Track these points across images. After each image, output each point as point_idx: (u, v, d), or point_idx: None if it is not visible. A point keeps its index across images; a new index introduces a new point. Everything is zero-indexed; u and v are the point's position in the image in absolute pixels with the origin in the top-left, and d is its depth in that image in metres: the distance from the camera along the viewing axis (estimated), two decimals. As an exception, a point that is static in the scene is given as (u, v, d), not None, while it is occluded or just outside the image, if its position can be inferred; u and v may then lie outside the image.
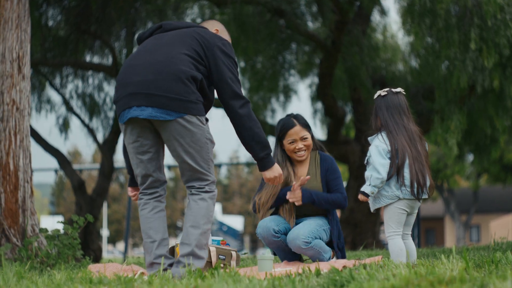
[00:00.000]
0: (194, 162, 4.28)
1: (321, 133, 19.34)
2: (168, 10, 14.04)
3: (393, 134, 4.73)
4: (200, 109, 4.27)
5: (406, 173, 4.66)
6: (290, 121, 5.44)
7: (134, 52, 4.47)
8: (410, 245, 4.81)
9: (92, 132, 16.24)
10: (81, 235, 13.77)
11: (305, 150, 5.43)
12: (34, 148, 31.40)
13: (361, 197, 4.70)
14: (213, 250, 4.90)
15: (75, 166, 25.09)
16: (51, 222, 30.45)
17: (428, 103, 13.71)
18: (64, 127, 16.20)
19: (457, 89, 11.35)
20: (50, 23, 13.97)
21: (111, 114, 16.09)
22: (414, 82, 14.08)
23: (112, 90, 16.22)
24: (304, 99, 74.53)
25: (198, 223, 4.26)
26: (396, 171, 4.65)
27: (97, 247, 15.61)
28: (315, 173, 5.45)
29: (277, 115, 16.77)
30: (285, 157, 5.51)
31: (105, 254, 37.69)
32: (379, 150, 4.68)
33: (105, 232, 42.44)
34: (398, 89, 4.91)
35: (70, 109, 16.12)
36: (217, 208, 41.46)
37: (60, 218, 34.70)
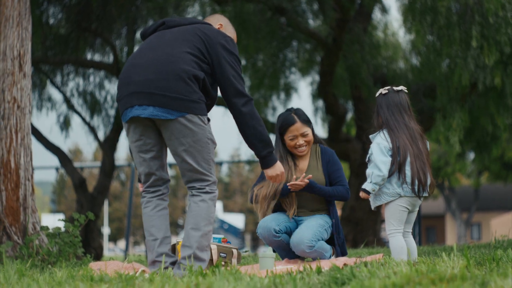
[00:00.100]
0: (194, 162, 4.27)
1: (322, 131, 19.35)
2: (169, 8, 14.04)
3: (394, 132, 4.73)
4: (202, 108, 4.25)
5: (408, 170, 4.66)
6: (291, 117, 5.41)
7: (136, 50, 4.46)
8: (411, 243, 4.81)
9: (93, 130, 16.25)
10: (82, 233, 13.77)
11: (305, 145, 5.41)
12: (35, 146, 31.38)
13: (362, 194, 4.70)
14: (214, 248, 4.90)
15: (76, 164, 25.10)
16: (52, 220, 30.46)
17: (429, 101, 13.70)
18: (65, 125, 16.22)
19: (458, 86, 11.35)
20: (51, 21, 13.98)
21: (112, 112, 16.09)
22: (415, 80, 14.07)
23: (113, 88, 16.23)
24: (305, 97, 74.52)
25: (199, 225, 4.26)
26: (397, 169, 4.65)
27: (98, 245, 15.62)
28: (316, 165, 5.43)
29: (278, 113, 16.74)
30: (286, 151, 5.49)
31: (106, 252, 37.74)
32: (381, 148, 4.68)
33: (106, 230, 42.50)
34: (400, 87, 4.90)
35: (71, 107, 16.13)
36: (218, 206, 41.47)
37: (61, 216, 34.69)
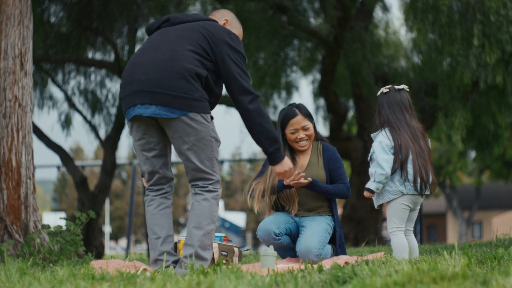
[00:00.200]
0: (198, 160, 4.26)
1: (323, 129, 19.34)
2: (170, 6, 14.04)
3: (395, 130, 4.72)
4: (204, 106, 4.23)
5: (410, 168, 4.65)
6: (292, 110, 5.40)
7: (139, 48, 4.45)
8: (412, 241, 4.80)
9: (94, 128, 16.26)
10: (83, 232, 13.78)
11: (306, 140, 5.38)
12: (37, 144, 31.40)
13: (366, 193, 4.70)
14: (215, 246, 4.89)
15: (77, 163, 25.11)
16: (54, 219, 30.47)
17: (430, 100, 13.69)
18: (66, 124, 16.23)
19: (460, 85, 11.34)
20: (52, 20, 13.99)
21: (113, 111, 16.10)
22: (416, 78, 14.06)
23: (114, 86, 16.25)
24: (306, 96, 74.45)
25: (201, 224, 4.25)
26: (399, 167, 4.65)
27: (99, 244, 15.64)
28: (317, 161, 5.41)
29: (279, 112, 16.73)
30: (286, 146, 5.48)
31: (107, 251, 37.76)
32: (383, 146, 4.68)
33: (107, 228, 42.49)
34: (402, 86, 4.89)
35: (72, 105, 16.15)
36: (219, 204, 41.32)
37: (62, 215, 34.72)
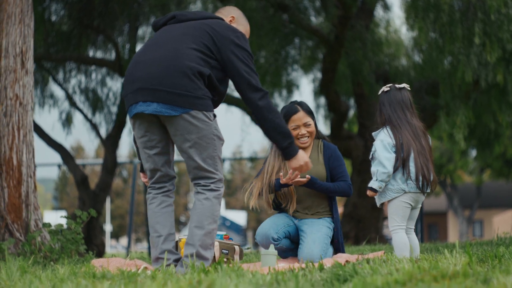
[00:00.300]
0: (200, 159, 4.24)
1: (324, 128, 19.35)
2: (171, 5, 14.02)
3: (397, 128, 4.72)
4: (207, 104, 4.21)
5: (412, 166, 4.65)
6: (294, 107, 5.40)
7: (142, 46, 4.44)
8: (413, 239, 4.80)
9: (95, 127, 16.26)
10: (84, 230, 13.75)
11: (308, 136, 5.37)
12: (37, 143, 31.43)
13: (369, 193, 4.69)
14: (216, 244, 4.89)
15: (78, 161, 25.09)
16: (54, 217, 30.50)
17: (431, 98, 13.69)
18: (67, 122, 16.24)
19: (462, 83, 11.34)
20: (53, 18, 13.99)
21: (114, 109, 16.10)
22: (417, 77, 14.06)
23: (115, 85, 16.25)
24: (306, 94, 74.47)
25: (202, 224, 4.24)
26: (401, 165, 4.64)
27: (100, 242, 15.65)
28: (318, 158, 5.39)
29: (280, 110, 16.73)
30: None
31: (108, 249, 37.77)
32: (384, 144, 4.67)
33: (108, 227, 42.52)
34: (403, 84, 4.89)
35: (73, 104, 16.15)
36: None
37: (63, 213, 34.73)
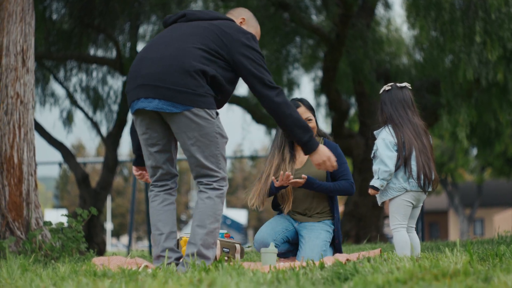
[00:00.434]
0: (202, 156, 4.23)
1: (325, 127, 19.34)
2: (172, 4, 14.01)
3: (398, 127, 4.72)
4: (209, 102, 4.19)
5: (413, 165, 4.65)
6: (295, 103, 5.39)
7: (148, 42, 4.44)
8: (414, 238, 4.80)
9: (96, 125, 16.27)
10: (85, 229, 13.78)
11: None
12: (38, 141, 31.45)
13: (371, 191, 4.69)
14: (217, 243, 4.89)
15: (79, 160, 25.14)
16: (55, 216, 30.51)
17: (432, 97, 13.69)
18: (68, 121, 16.24)
19: (463, 82, 11.33)
20: (54, 17, 13.99)
21: (115, 108, 16.11)
22: (418, 76, 14.06)
23: (116, 83, 16.26)
24: (307, 93, 74.40)
25: (204, 223, 4.24)
26: (403, 163, 4.64)
27: (101, 241, 15.66)
28: None
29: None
30: (286, 141, 5.45)
31: (109, 248, 37.77)
32: (386, 143, 4.67)
33: (109, 225, 42.54)
34: (404, 83, 4.90)
35: (74, 102, 16.16)
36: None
37: (64, 212, 34.73)
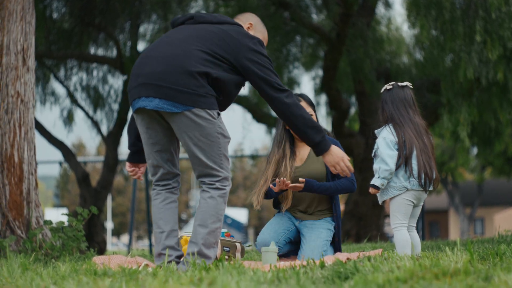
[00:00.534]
0: (204, 156, 4.22)
1: (325, 126, 19.34)
2: (172, 3, 14.02)
3: (399, 126, 4.72)
4: (210, 102, 4.18)
5: (414, 164, 4.65)
6: (296, 98, 5.41)
7: (154, 42, 4.44)
8: (414, 237, 4.80)
9: (96, 124, 16.27)
10: (85, 228, 13.79)
11: None
12: (39, 140, 31.45)
13: (372, 190, 4.69)
14: (218, 242, 4.89)
15: (80, 159, 25.13)
16: (56, 215, 30.51)
17: (432, 96, 13.68)
18: (68, 120, 16.25)
19: (464, 81, 11.32)
20: (55, 16, 14.00)
21: (116, 107, 16.11)
22: (418, 75, 14.05)
23: (116, 82, 16.27)
24: (308, 92, 74.35)
25: (206, 222, 4.24)
26: (404, 162, 4.64)
27: (101, 240, 15.67)
28: None
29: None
30: (286, 136, 5.46)
31: (109, 247, 37.79)
32: (387, 142, 4.67)
33: (109, 224, 42.56)
34: (405, 83, 4.90)
35: (74, 101, 16.16)
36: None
37: (64, 211, 34.71)
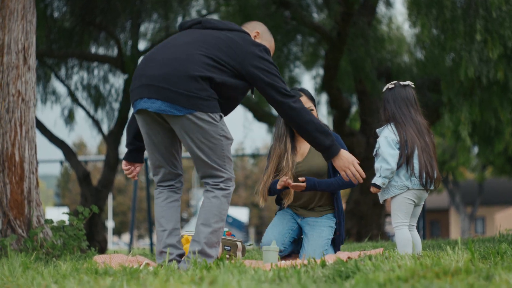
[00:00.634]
0: (207, 158, 4.24)
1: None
2: (173, 2, 14.02)
3: (401, 125, 4.73)
4: (212, 106, 4.19)
5: (416, 163, 4.65)
6: (296, 92, 5.41)
7: (160, 44, 4.45)
8: (415, 236, 4.80)
9: (97, 123, 16.27)
10: (86, 227, 13.80)
11: None
12: (39, 139, 31.43)
13: (373, 189, 4.69)
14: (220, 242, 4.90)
15: (80, 158, 25.11)
16: (57, 214, 30.49)
17: (433, 95, 13.68)
18: (69, 119, 16.25)
19: (464, 80, 11.32)
20: (56, 15, 14.00)
21: (116, 106, 16.11)
22: (419, 74, 14.05)
23: (117, 81, 16.27)
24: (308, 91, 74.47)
25: (209, 222, 4.25)
26: (405, 161, 4.64)
27: (102, 239, 15.66)
28: None
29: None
30: (287, 131, 5.46)
31: (110, 246, 37.78)
32: (388, 141, 4.67)
33: (110, 223, 42.52)
34: (407, 82, 4.90)
35: (75, 100, 16.16)
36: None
37: (65, 210, 34.72)
